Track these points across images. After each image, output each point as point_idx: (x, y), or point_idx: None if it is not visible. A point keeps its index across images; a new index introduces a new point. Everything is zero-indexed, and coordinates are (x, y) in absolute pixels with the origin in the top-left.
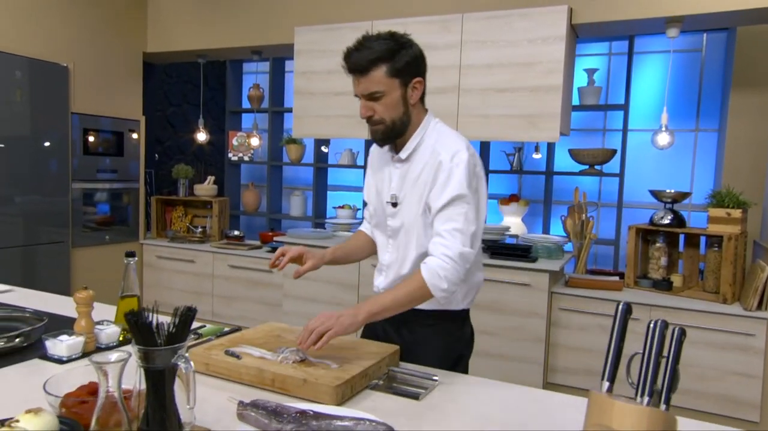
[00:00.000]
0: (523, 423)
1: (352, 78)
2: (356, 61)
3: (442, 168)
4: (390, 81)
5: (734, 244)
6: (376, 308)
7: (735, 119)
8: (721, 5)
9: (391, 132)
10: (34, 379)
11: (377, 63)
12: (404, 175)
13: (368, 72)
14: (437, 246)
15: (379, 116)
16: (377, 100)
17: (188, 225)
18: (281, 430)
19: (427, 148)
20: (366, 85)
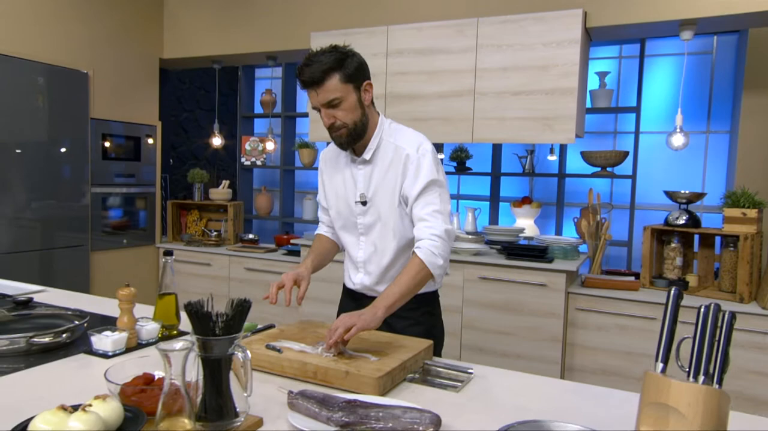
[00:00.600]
0: (562, 414)
1: (308, 92)
2: (311, 75)
3: (410, 160)
4: (344, 87)
5: (750, 243)
6: (390, 301)
7: (747, 120)
8: (734, 8)
9: (354, 134)
10: (83, 372)
11: (330, 72)
12: (369, 174)
13: (323, 82)
14: (423, 230)
15: (341, 121)
16: (336, 106)
17: (203, 229)
18: (331, 418)
19: (388, 146)
20: (324, 95)
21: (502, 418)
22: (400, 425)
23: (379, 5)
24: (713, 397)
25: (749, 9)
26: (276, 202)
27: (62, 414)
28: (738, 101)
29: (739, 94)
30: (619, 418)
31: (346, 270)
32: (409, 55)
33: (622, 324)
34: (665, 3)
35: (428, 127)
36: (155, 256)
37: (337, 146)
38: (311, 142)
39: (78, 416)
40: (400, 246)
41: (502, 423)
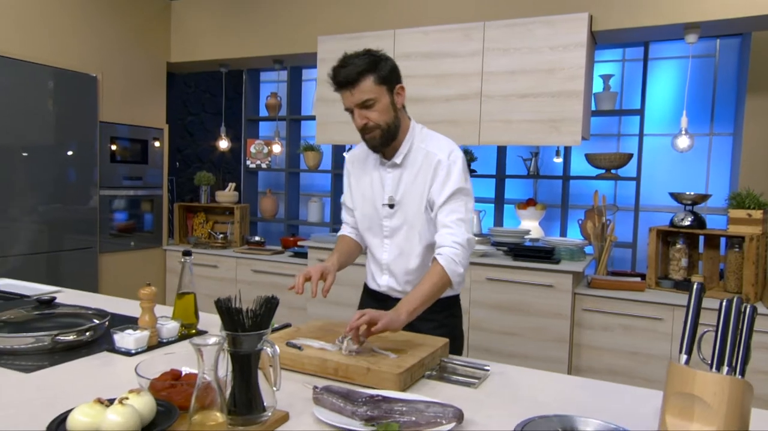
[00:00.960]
0: (580, 410)
1: (341, 94)
2: (346, 75)
3: (441, 166)
4: (378, 88)
5: (756, 244)
6: (412, 306)
7: (751, 122)
8: (738, 11)
9: (387, 135)
10: (107, 369)
11: (364, 74)
12: (399, 178)
13: (358, 83)
14: (446, 237)
15: (374, 122)
16: (370, 107)
17: (209, 231)
18: (355, 412)
19: (419, 151)
20: (358, 95)
21: (521, 413)
22: (424, 419)
23: (387, 9)
24: (738, 387)
25: (753, 12)
26: (281, 204)
27: (99, 407)
28: (741, 104)
29: (743, 97)
30: (637, 413)
31: (369, 272)
32: (416, 59)
33: (628, 325)
34: (670, 7)
35: (435, 129)
36: (162, 258)
37: (369, 147)
38: (317, 145)
39: (116, 409)
40: (426, 250)
41: (522, 418)
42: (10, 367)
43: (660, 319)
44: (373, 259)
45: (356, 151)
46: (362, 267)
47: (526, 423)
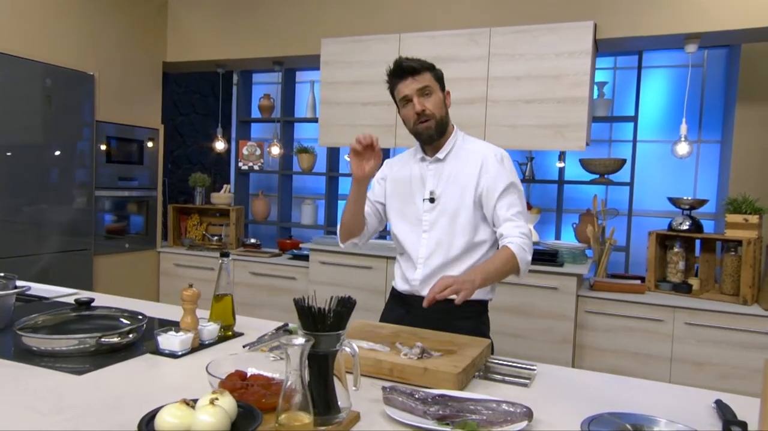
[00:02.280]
0: (636, 408)
1: (399, 84)
2: (410, 65)
3: (489, 161)
4: (435, 83)
5: (753, 248)
6: (484, 275)
7: (741, 130)
8: (736, 24)
9: (438, 128)
10: (155, 371)
11: (425, 68)
12: (440, 172)
13: (420, 72)
14: (512, 228)
15: (430, 111)
16: (428, 96)
17: (204, 233)
18: (427, 411)
19: (461, 150)
20: (420, 82)
21: (581, 411)
22: (495, 417)
23: (392, 13)
24: None
25: (749, 25)
26: (273, 207)
27: (186, 409)
28: (729, 113)
29: (731, 106)
30: (692, 411)
31: (399, 273)
32: None
33: (630, 326)
34: (672, 17)
35: None
36: (156, 260)
37: (424, 138)
38: (311, 147)
39: (206, 410)
40: (465, 243)
41: (581, 415)
42: (59, 369)
43: (661, 320)
44: (405, 258)
45: (395, 160)
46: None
47: (592, 420)
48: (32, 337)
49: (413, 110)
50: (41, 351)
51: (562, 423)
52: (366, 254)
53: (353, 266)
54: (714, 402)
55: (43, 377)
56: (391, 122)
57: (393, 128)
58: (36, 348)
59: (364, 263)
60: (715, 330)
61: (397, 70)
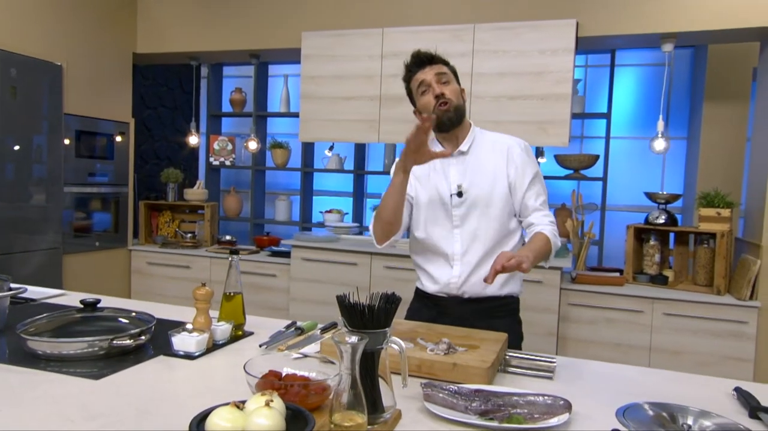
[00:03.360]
0: (660, 396)
1: (417, 73)
2: (426, 53)
3: (515, 152)
4: (450, 73)
5: (726, 241)
6: (535, 254)
7: (709, 128)
8: (710, 24)
9: (457, 113)
10: (176, 373)
11: (441, 60)
12: (465, 165)
13: (437, 62)
14: (541, 217)
15: (449, 96)
16: (446, 84)
17: (176, 230)
18: (468, 407)
19: (483, 142)
20: (438, 69)
21: (610, 401)
22: (537, 410)
23: (375, 7)
24: None
25: (722, 26)
26: (245, 203)
27: (237, 411)
28: (696, 110)
29: (697, 104)
30: (716, 400)
31: (425, 275)
32: (405, 58)
33: (611, 318)
34: (650, 17)
35: None
36: (127, 259)
37: (443, 121)
38: (285, 143)
39: (262, 412)
40: (499, 233)
41: (614, 405)
42: (72, 374)
43: (640, 311)
44: (433, 256)
45: None
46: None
47: (626, 409)
48: (41, 341)
49: (432, 94)
50: (47, 355)
51: (596, 413)
52: (350, 251)
53: (337, 263)
54: (733, 390)
55: (59, 383)
56: (374, 117)
57: (376, 123)
58: (42, 352)
59: (348, 260)
60: (692, 320)
61: (415, 59)
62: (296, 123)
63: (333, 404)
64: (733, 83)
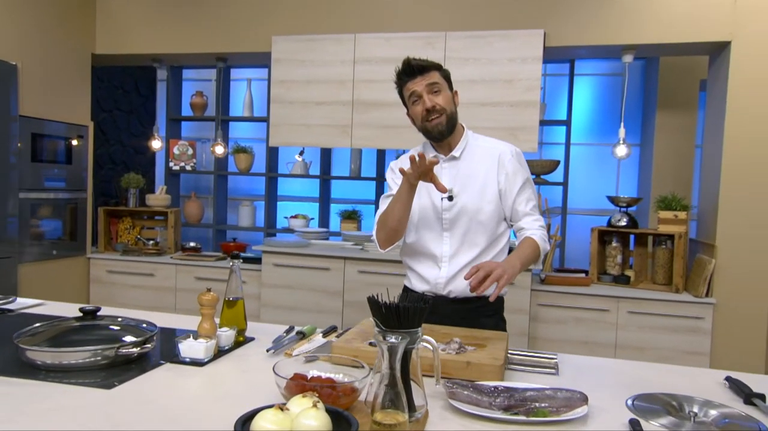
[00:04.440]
0: (659, 386)
1: (408, 83)
2: (419, 64)
3: (505, 157)
4: (443, 82)
5: (683, 241)
6: (521, 261)
7: (661, 135)
8: (667, 38)
9: (449, 123)
10: (189, 380)
11: (433, 67)
12: (456, 171)
13: (428, 71)
14: (531, 222)
15: (441, 106)
16: (437, 93)
17: (137, 237)
18: (493, 403)
19: (475, 147)
20: (429, 79)
21: (616, 393)
22: (557, 404)
23: (347, 12)
24: None
25: (679, 40)
26: (207, 209)
27: (282, 414)
28: (648, 118)
29: (650, 112)
30: (705, 388)
31: (414, 274)
32: (377, 64)
33: (579, 317)
34: (613, 30)
35: (397, 134)
36: (85, 267)
37: (434, 134)
38: (248, 148)
39: (310, 413)
40: (487, 238)
41: (620, 396)
42: (81, 384)
43: (606, 310)
44: (421, 258)
45: (404, 158)
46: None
47: (635, 399)
48: (42, 351)
49: (423, 107)
50: (47, 366)
51: (608, 405)
52: (322, 255)
53: (310, 268)
54: (725, 379)
55: (70, 393)
56: (347, 122)
57: (348, 128)
58: (41, 362)
59: (321, 265)
60: (654, 317)
61: (406, 68)
62: (260, 127)
63: (374, 403)
64: (683, 94)
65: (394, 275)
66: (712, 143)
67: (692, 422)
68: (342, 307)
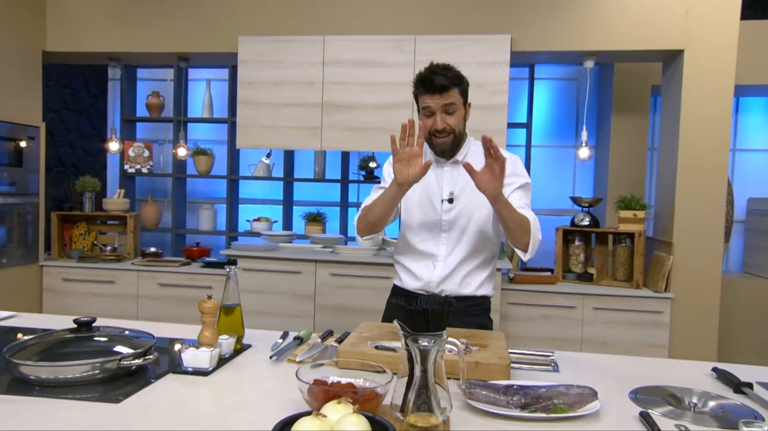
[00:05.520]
0: (653, 379)
1: (425, 97)
2: (441, 82)
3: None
4: (460, 100)
5: (642, 239)
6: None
7: (617, 137)
8: (626, 45)
9: (455, 142)
10: (198, 390)
11: (454, 84)
12: (457, 174)
13: (449, 90)
14: (527, 213)
15: (450, 127)
16: (451, 114)
17: (93, 243)
18: (510, 401)
19: (476, 153)
20: (447, 99)
21: (617, 387)
22: (571, 400)
23: (315, 14)
24: None
25: (636, 47)
26: (165, 213)
27: (320, 421)
28: (604, 122)
29: (606, 116)
30: (693, 378)
31: (406, 272)
32: (347, 66)
33: (547, 314)
34: (576, 36)
35: (367, 137)
36: (38, 276)
37: (437, 151)
38: (209, 150)
39: (350, 419)
40: (482, 241)
41: (621, 390)
42: (87, 399)
43: (573, 307)
44: (416, 257)
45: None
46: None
47: (636, 392)
48: (37, 366)
49: (433, 125)
50: (41, 381)
51: (613, 398)
52: (293, 259)
53: (280, 272)
54: (711, 370)
55: (77, 409)
56: (317, 124)
57: (318, 130)
58: (34, 377)
59: (292, 268)
60: (617, 313)
61: (426, 83)
62: (220, 129)
63: (407, 406)
64: (636, 98)
65: (368, 277)
66: (668, 146)
67: (692, 412)
68: (314, 311)
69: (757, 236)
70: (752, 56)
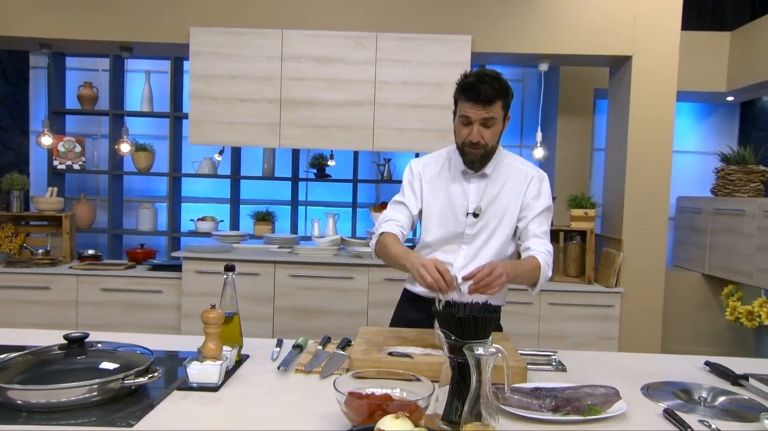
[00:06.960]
0: (653, 375)
1: (467, 105)
2: (487, 94)
3: (534, 182)
4: (501, 113)
5: (593, 236)
6: (516, 272)
7: (562, 138)
8: (578, 50)
9: (486, 155)
10: (213, 407)
11: (500, 97)
12: (484, 188)
13: (493, 102)
14: (539, 245)
15: (485, 141)
16: (489, 127)
17: (22, 246)
18: (542, 405)
19: (502, 166)
20: (488, 112)
21: (625, 384)
22: (598, 400)
23: (273, 7)
24: None
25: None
26: (99, 212)
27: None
28: (550, 123)
29: (551, 117)
30: (690, 373)
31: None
32: (306, 62)
33: (504, 310)
34: (533, 40)
35: (327, 134)
36: None
37: (467, 161)
38: (149, 145)
39: None
40: (500, 254)
41: (632, 387)
42: (94, 424)
43: (530, 303)
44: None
45: (427, 161)
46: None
47: (647, 388)
48: (27, 390)
49: (468, 135)
50: (30, 406)
51: (629, 396)
52: (251, 260)
53: (237, 274)
54: (704, 363)
55: None
56: (275, 121)
57: (276, 126)
58: (22, 401)
59: (250, 270)
60: (571, 307)
61: (470, 93)
62: (159, 123)
63: (464, 415)
64: (581, 101)
65: (329, 278)
66: (616, 147)
67: (702, 406)
68: (273, 313)
69: (685, 232)
70: (688, 64)
